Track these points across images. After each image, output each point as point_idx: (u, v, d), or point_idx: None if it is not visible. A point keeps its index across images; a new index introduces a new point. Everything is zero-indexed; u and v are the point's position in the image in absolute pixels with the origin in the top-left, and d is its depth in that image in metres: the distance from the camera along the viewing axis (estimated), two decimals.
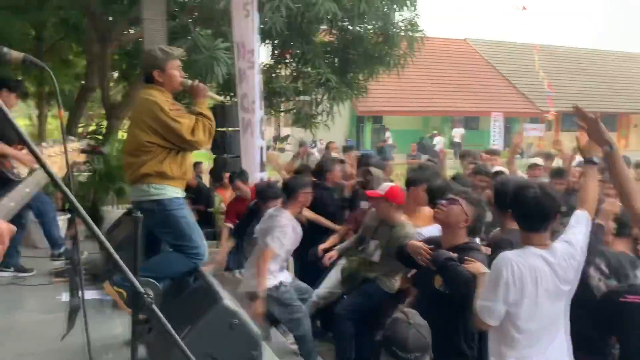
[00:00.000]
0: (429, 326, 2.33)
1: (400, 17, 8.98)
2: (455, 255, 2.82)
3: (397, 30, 8.85)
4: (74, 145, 1.52)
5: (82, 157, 1.51)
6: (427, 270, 2.94)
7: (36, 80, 10.20)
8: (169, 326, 1.15)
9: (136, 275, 1.52)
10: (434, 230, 3.46)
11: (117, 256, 1.10)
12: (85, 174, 7.83)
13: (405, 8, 8.51)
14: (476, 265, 2.69)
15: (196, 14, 7.71)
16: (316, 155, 11.21)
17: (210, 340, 2.60)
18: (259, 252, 4.22)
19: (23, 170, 4.80)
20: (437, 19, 28.71)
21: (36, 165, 1.24)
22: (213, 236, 6.51)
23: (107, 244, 1.10)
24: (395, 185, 4.30)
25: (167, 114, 3.11)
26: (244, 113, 5.86)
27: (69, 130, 8.39)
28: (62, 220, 6.31)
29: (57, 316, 4.09)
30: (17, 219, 1.21)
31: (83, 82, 9.39)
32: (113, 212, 6.80)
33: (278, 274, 4.19)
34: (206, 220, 7.53)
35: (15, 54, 1.03)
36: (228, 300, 2.69)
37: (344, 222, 5.12)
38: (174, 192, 3.25)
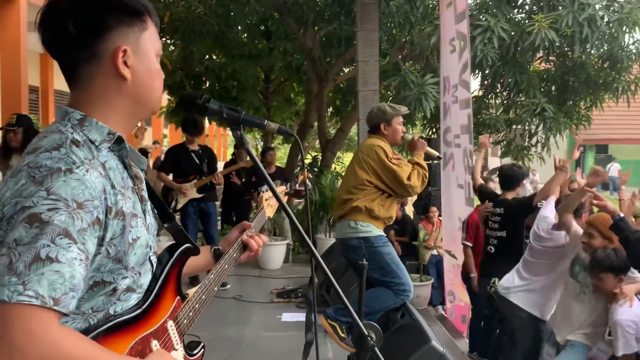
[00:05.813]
0: None
1: (631, 39, 8.06)
2: None
3: (627, 54, 7.97)
4: (281, 189, 1.81)
5: (286, 199, 1.77)
6: None
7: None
8: None
9: (361, 318, 1.62)
10: None
11: (346, 301, 1.21)
12: (303, 203, 8.55)
13: (637, 29, 7.61)
14: None
15: (406, 51, 7.95)
16: (528, 187, 10.51)
17: None
18: None
19: (182, 201, 5.68)
20: None
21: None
22: (417, 269, 6.54)
23: (338, 289, 1.20)
24: None
25: (390, 159, 3.53)
26: (446, 147, 5.82)
27: (289, 161, 9.25)
28: None
29: (276, 335, 4.51)
30: None
31: (302, 119, 10.31)
32: (326, 240, 7.27)
33: None
34: (410, 252, 7.60)
35: (272, 125, 1.24)
36: (436, 341, 2.69)
37: None
38: (378, 231, 3.52)
